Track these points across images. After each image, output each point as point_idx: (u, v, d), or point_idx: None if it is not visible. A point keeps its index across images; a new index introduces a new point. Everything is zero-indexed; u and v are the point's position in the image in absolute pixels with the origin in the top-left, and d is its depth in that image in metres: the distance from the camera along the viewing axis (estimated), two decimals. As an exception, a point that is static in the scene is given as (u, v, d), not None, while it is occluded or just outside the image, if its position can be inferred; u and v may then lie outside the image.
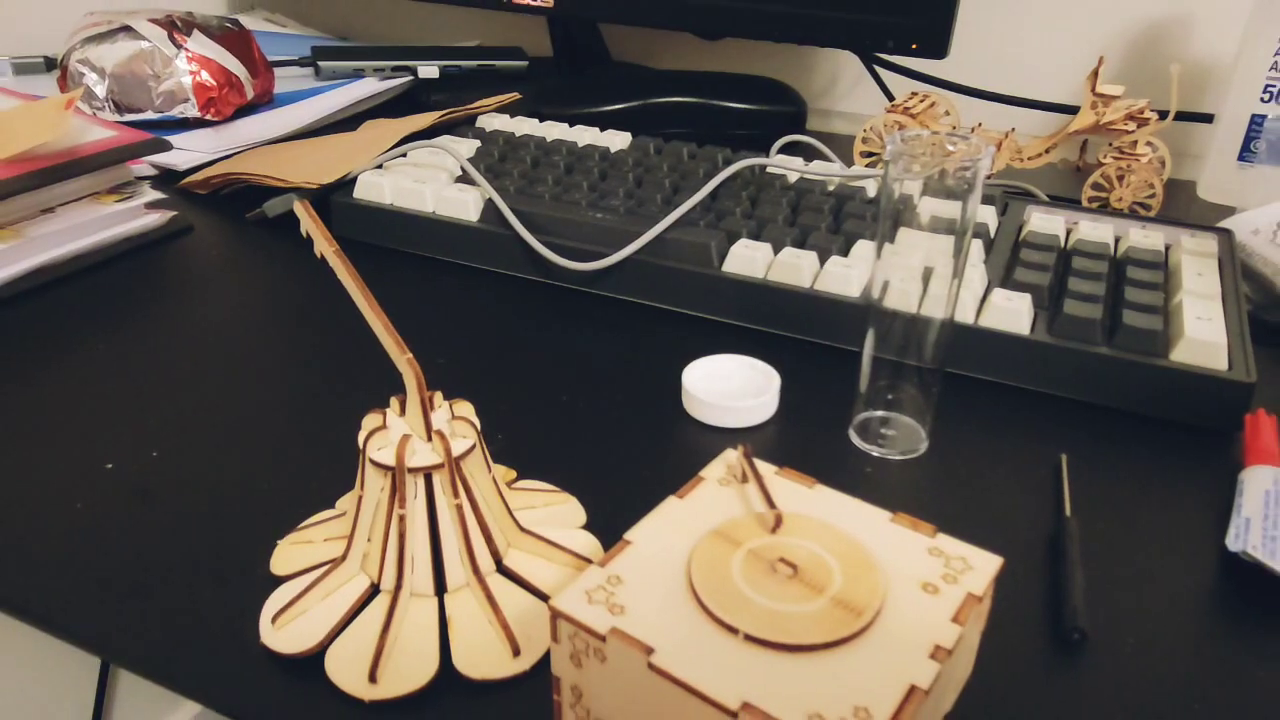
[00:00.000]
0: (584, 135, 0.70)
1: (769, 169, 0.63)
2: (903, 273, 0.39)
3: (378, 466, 0.33)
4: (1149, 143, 0.66)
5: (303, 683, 0.32)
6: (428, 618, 0.33)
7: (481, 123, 0.74)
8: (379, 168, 0.65)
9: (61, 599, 0.35)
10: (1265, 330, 0.53)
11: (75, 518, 0.39)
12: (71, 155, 0.62)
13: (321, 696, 0.31)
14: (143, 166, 0.71)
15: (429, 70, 0.90)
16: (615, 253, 0.54)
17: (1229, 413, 0.44)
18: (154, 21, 0.78)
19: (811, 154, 0.73)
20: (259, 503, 0.40)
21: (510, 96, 0.79)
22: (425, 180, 0.62)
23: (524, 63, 0.93)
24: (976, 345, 0.48)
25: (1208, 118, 0.73)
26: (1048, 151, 0.69)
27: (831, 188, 0.61)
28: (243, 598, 0.35)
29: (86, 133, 0.66)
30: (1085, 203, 0.67)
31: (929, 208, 0.37)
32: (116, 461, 0.42)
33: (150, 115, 0.78)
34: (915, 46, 0.70)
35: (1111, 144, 0.67)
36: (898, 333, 0.41)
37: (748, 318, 0.53)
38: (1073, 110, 0.69)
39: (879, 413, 0.44)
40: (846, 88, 0.93)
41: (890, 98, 0.83)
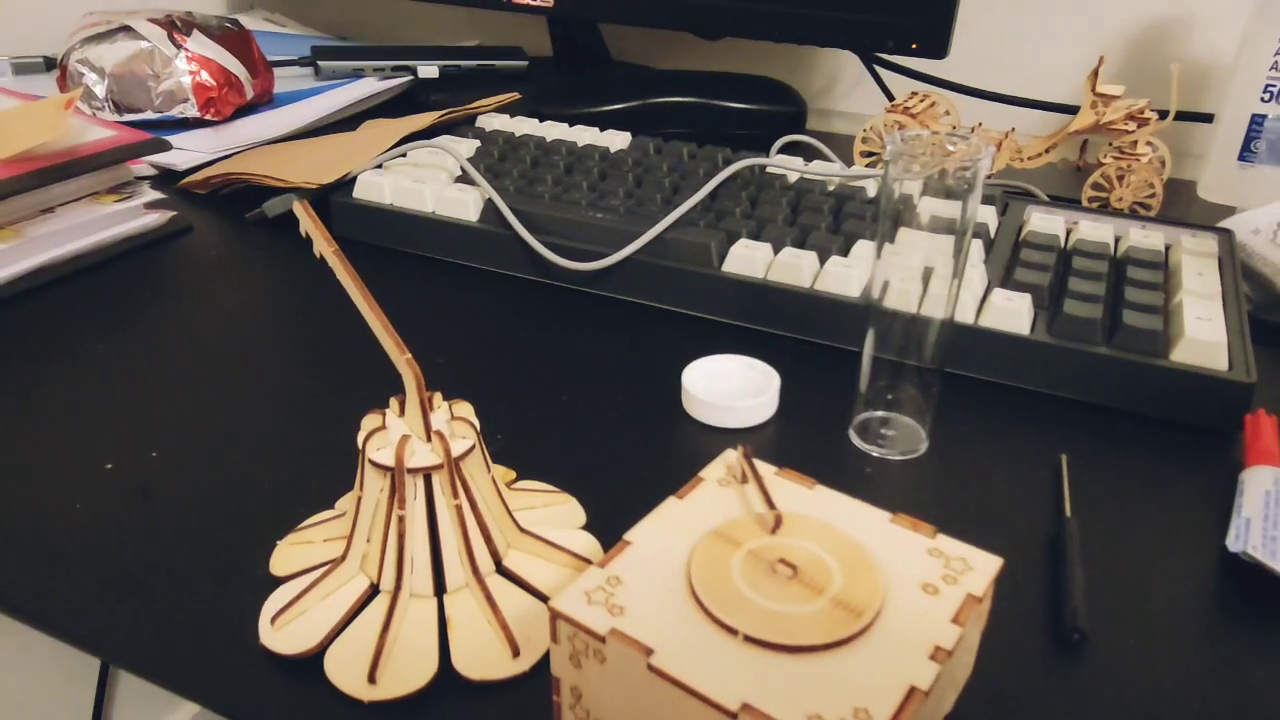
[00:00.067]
0: (584, 135, 0.70)
1: (769, 169, 0.63)
2: (903, 273, 0.39)
3: (377, 467, 0.33)
4: (1149, 142, 0.66)
5: (302, 683, 0.32)
6: (427, 618, 0.33)
7: (481, 123, 0.74)
8: (379, 168, 0.65)
9: (61, 599, 0.35)
10: (1265, 330, 0.53)
11: (75, 518, 0.39)
12: (71, 155, 0.62)
13: (321, 697, 0.31)
14: (142, 166, 0.71)
15: (429, 70, 0.89)
16: (615, 253, 0.54)
17: (1229, 413, 0.44)
18: (153, 21, 0.78)
19: (811, 154, 0.73)
20: (258, 503, 0.40)
21: (510, 96, 0.79)
22: (425, 180, 0.62)
23: (524, 63, 0.93)
24: (976, 345, 0.48)
25: (1208, 117, 0.73)
26: (1048, 151, 0.69)
27: (831, 188, 0.61)
28: (242, 598, 0.35)
29: (86, 133, 0.66)
30: (1085, 202, 0.67)
31: (929, 208, 0.37)
32: (116, 461, 0.42)
33: (150, 115, 0.78)
34: (915, 46, 0.70)
35: (1112, 144, 0.67)
36: (898, 333, 0.41)
37: (747, 318, 0.53)
38: (1073, 110, 0.69)
39: (879, 413, 0.44)
40: (846, 88, 0.93)
41: (890, 97, 0.83)
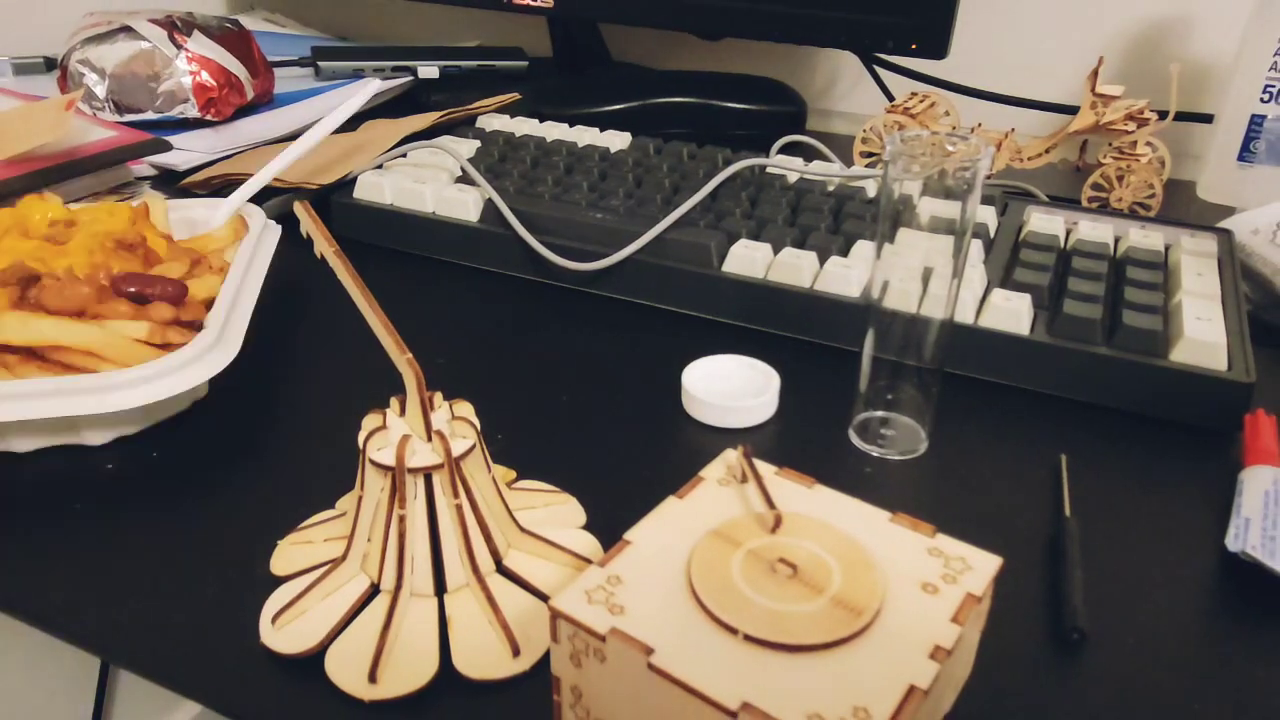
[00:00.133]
0: (584, 135, 0.70)
1: (769, 169, 0.63)
2: (902, 273, 0.39)
3: (378, 467, 0.33)
4: (1149, 143, 0.66)
5: (303, 683, 0.32)
6: (428, 618, 0.33)
7: (481, 123, 0.74)
8: (379, 168, 0.65)
9: (62, 598, 0.35)
10: (1265, 330, 0.53)
11: (75, 517, 0.39)
12: (72, 155, 0.63)
13: (321, 696, 0.31)
14: (143, 167, 0.71)
15: (429, 70, 0.90)
16: (615, 253, 0.54)
17: (1228, 413, 0.44)
18: (154, 22, 0.78)
19: (811, 154, 0.73)
20: (259, 502, 0.40)
21: (510, 97, 0.79)
22: (425, 180, 0.62)
23: (524, 63, 0.93)
24: (976, 345, 0.48)
25: (1207, 118, 0.73)
26: (1047, 152, 0.69)
27: (831, 188, 0.61)
28: (243, 598, 0.35)
29: (87, 133, 0.66)
30: (1085, 203, 0.67)
31: (929, 208, 0.37)
32: (117, 461, 0.42)
33: (150, 115, 0.78)
34: (915, 47, 0.70)
35: (1111, 144, 0.67)
36: (897, 333, 0.41)
37: (747, 318, 0.53)
38: (1072, 110, 0.69)
39: (879, 413, 0.44)
40: (846, 88, 0.93)
41: (890, 98, 0.83)
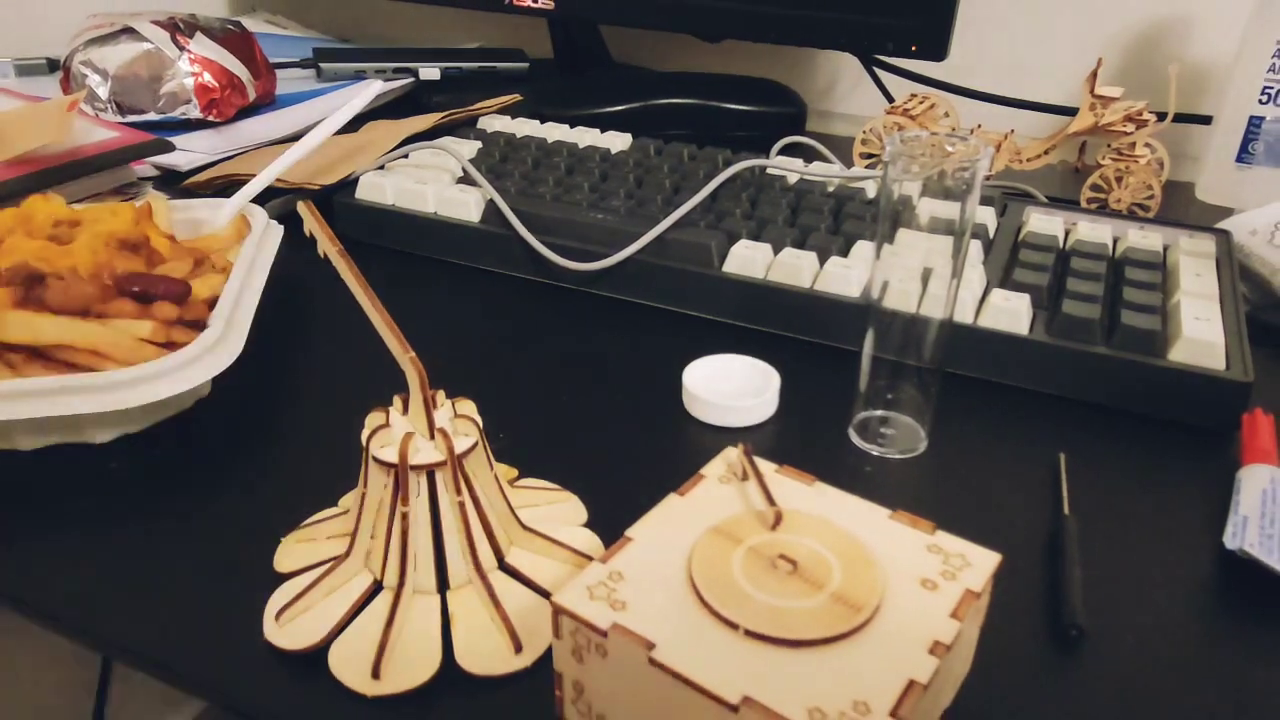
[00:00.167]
0: (585, 136, 0.71)
1: (769, 170, 0.63)
2: (902, 273, 0.39)
3: (381, 464, 0.33)
4: (1147, 144, 0.67)
5: (306, 679, 0.32)
6: (430, 614, 0.33)
7: (483, 124, 0.75)
8: (381, 169, 0.65)
9: (65, 596, 0.35)
10: (1262, 330, 0.53)
11: (78, 515, 0.39)
12: (75, 156, 0.63)
13: (325, 693, 0.31)
14: (145, 167, 0.71)
15: (430, 72, 0.90)
16: (616, 253, 0.54)
17: (1226, 412, 0.44)
18: (156, 23, 0.78)
19: (811, 155, 0.73)
20: (262, 500, 0.40)
21: (511, 98, 0.79)
22: (427, 181, 0.62)
23: (525, 64, 0.93)
24: (975, 345, 0.48)
25: (1206, 119, 0.73)
26: (1046, 153, 0.69)
27: (831, 189, 0.62)
28: (246, 594, 0.35)
29: (89, 134, 0.66)
30: (1084, 204, 0.67)
31: (928, 208, 0.37)
32: (120, 459, 0.43)
33: (152, 116, 0.78)
34: (914, 48, 0.70)
35: (1110, 145, 0.67)
36: (897, 333, 0.41)
37: (748, 318, 0.53)
38: (1071, 112, 0.69)
39: (878, 412, 0.44)
40: (846, 89, 0.93)
41: (890, 99, 0.83)
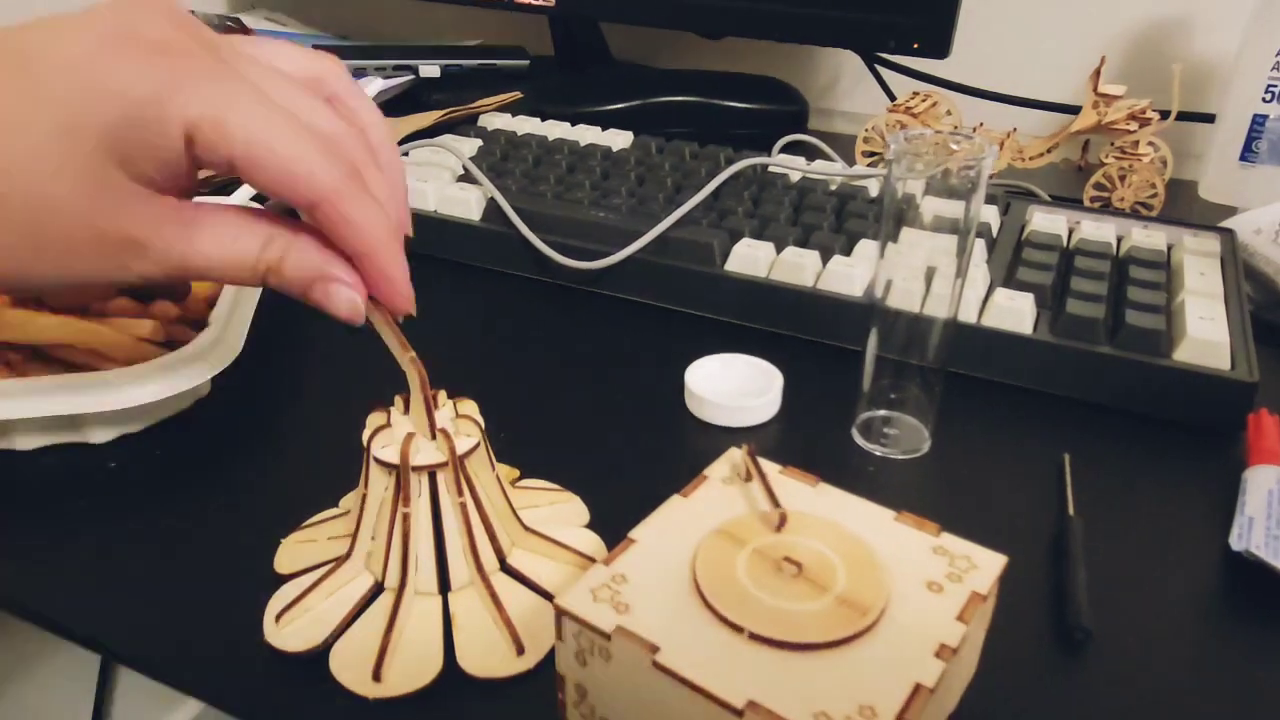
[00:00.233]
0: (586, 134, 0.70)
1: (771, 168, 0.63)
2: (905, 272, 0.39)
3: (382, 465, 0.33)
4: (1151, 142, 0.66)
5: (305, 681, 0.32)
6: (431, 616, 0.33)
7: (483, 122, 0.74)
8: (381, 166, 0.65)
9: (64, 596, 0.35)
10: (1267, 330, 0.53)
11: (77, 514, 0.39)
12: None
13: (324, 695, 0.31)
14: (144, 165, 0.71)
15: (430, 69, 0.89)
16: (618, 252, 0.54)
17: (1232, 412, 0.44)
18: (155, 20, 0.78)
19: (813, 153, 0.73)
20: (261, 500, 0.40)
21: (512, 95, 0.79)
22: (427, 179, 0.62)
23: (525, 62, 0.93)
24: (979, 345, 0.48)
25: (1209, 118, 0.73)
26: (1050, 151, 0.69)
27: (834, 187, 0.61)
28: (245, 595, 0.35)
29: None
30: (1087, 202, 0.67)
31: (932, 207, 0.37)
32: (119, 459, 0.42)
33: (152, 114, 0.77)
34: (917, 46, 0.70)
35: (1113, 144, 0.67)
36: (900, 332, 0.41)
37: (750, 317, 0.53)
38: (1074, 110, 0.69)
39: (882, 412, 0.44)
40: (848, 87, 0.93)
41: (892, 97, 0.83)
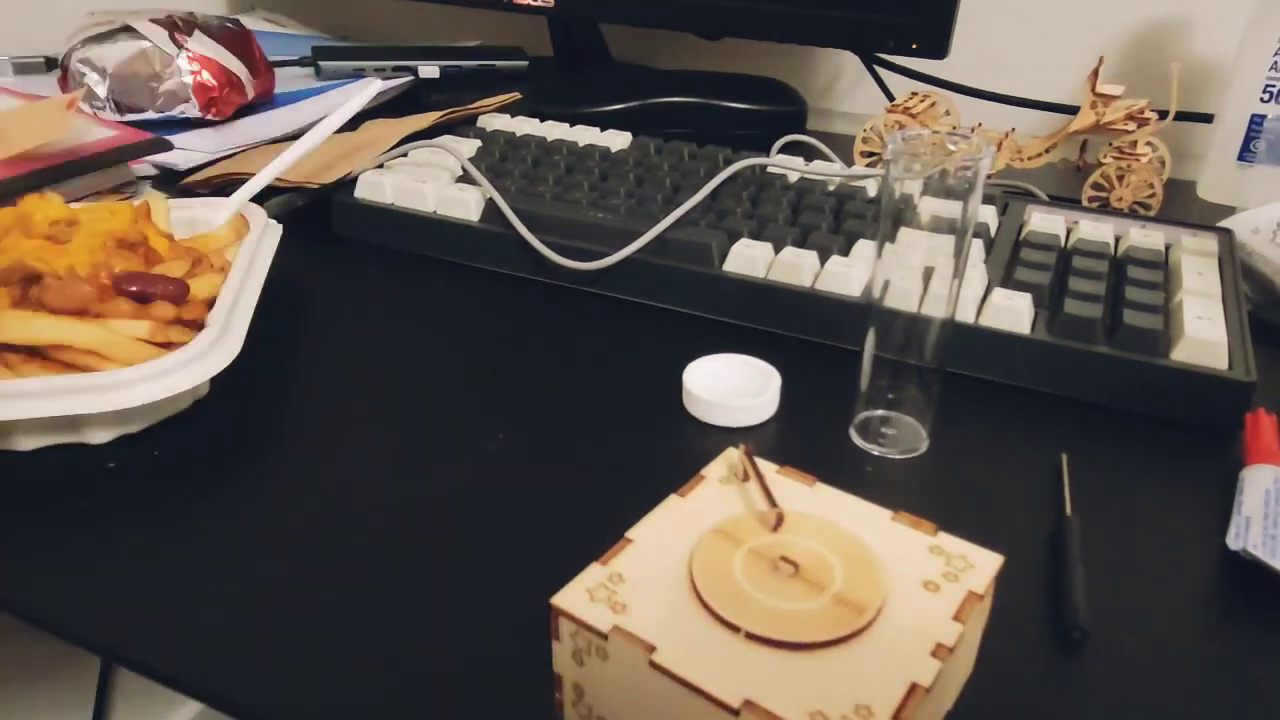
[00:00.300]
0: (585, 135, 0.70)
1: (769, 169, 0.63)
2: (903, 272, 0.39)
3: None
4: (1149, 142, 0.66)
5: (306, 680, 0.32)
6: None
7: (482, 122, 0.74)
8: (380, 167, 0.65)
9: (63, 597, 0.35)
10: (1265, 329, 0.53)
11: (76, 515, 0.39)
12: (73, 155, 0.63)
13: (325, 694, 0.31)
14: (144, 166, 0.71)
15: (429, 70, 0.90)
16: (616, 252, 0.54)
17: (1229, 412, 0.44)
18: (155, 21, 0.78)
19: (812, 154, 0.73)
20: (260, 500, 0.40)
21: (511, 96, 0.79)
22: (426, 180, 0.62)
23: (524, 62, 0.93)
24: (977, 344, 0.48)
25: (1207, 118, 0.73)
26: (1048, 151, 0.69)
27: (832, 187, 0.62)
28: (245, 594, 0.35)
29: (88, 132, 0.66)
30: (1085, 202, 0.67)
31: (930, 207, 0.37)
32: (118, 460, 0.42)
33: (151, 115, 0.78)
34: (915, 46, 0.70)
35: (1111, 144, 0.67)
36: (898, 332, 0.41)
37: (748, 317, 0.53)
38: (1073, 110, 0.69)
39: (879, 412, 0.44)
40: (846, 88, 0.93)
41: (890, 98, 0.83)
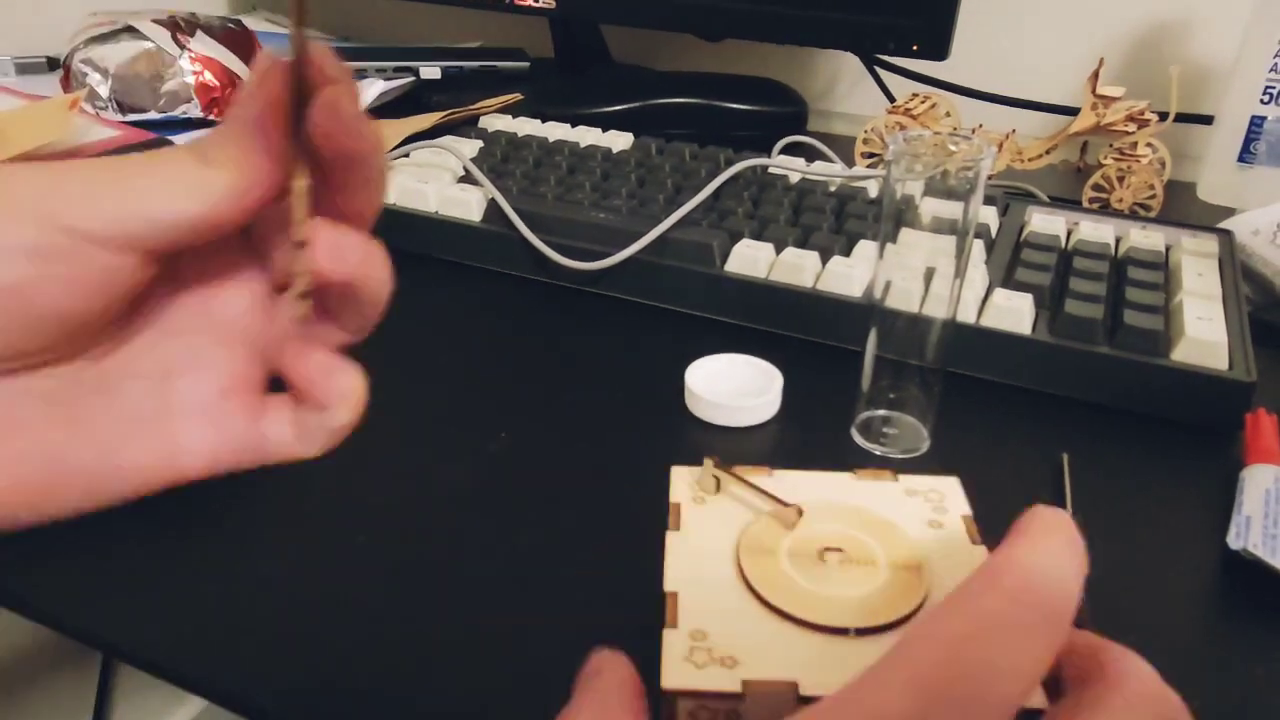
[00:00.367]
0: (586, 136, 0.71)
1: (771, 169, 0.63)
2: (905, 272, 0.39)
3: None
4: (1149, 144, 0.67)
5: (306, 680, 0.32)
6: None
7: (484, 123, 0.74)
8: (382, 168, 0.65)
9: (63, 594, 0.35)
10: (1265, 330, 0.53)
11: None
12: (75, 155, 0.63)
13: (326, 692, 0.31)
14: (146, 166, 0.71)
15: (431, 71, 0.90)
16: (618, 252, 0.54)
17: (1229, 412, 0.44)
18: (157, 22, 0.78)
19: (813, 155, 0.73)
20: (261, 499, 0.40)
21: (512, 97, 0.79)
22: (428, 180, 0.62)
23: (526, 63, 0.93)
24: (978, 345, 0.48)
25: (1208, 119, 0.73)
26: (1048, 153, 0.69)
27: (833, 188, 0.62)
28: (246, 594, 0.35)
29: (90, 133, 0.66)
30: (1086, 203, 0.67)
31: (931, 208, 0.37)
32: (121, 459, 0.42)
33: (153, 115, 0.78)
34: (916, 48, 0.70)
35: (1112, 145, 0.67)
36: (900, 332, 0.41)
37: (750, 317, 0.53)
38: (1073, 112, 0.69)
39: (881, 412, 0.44)
40: (847, 89, 0.93)
41: (891, 99, 0.83)
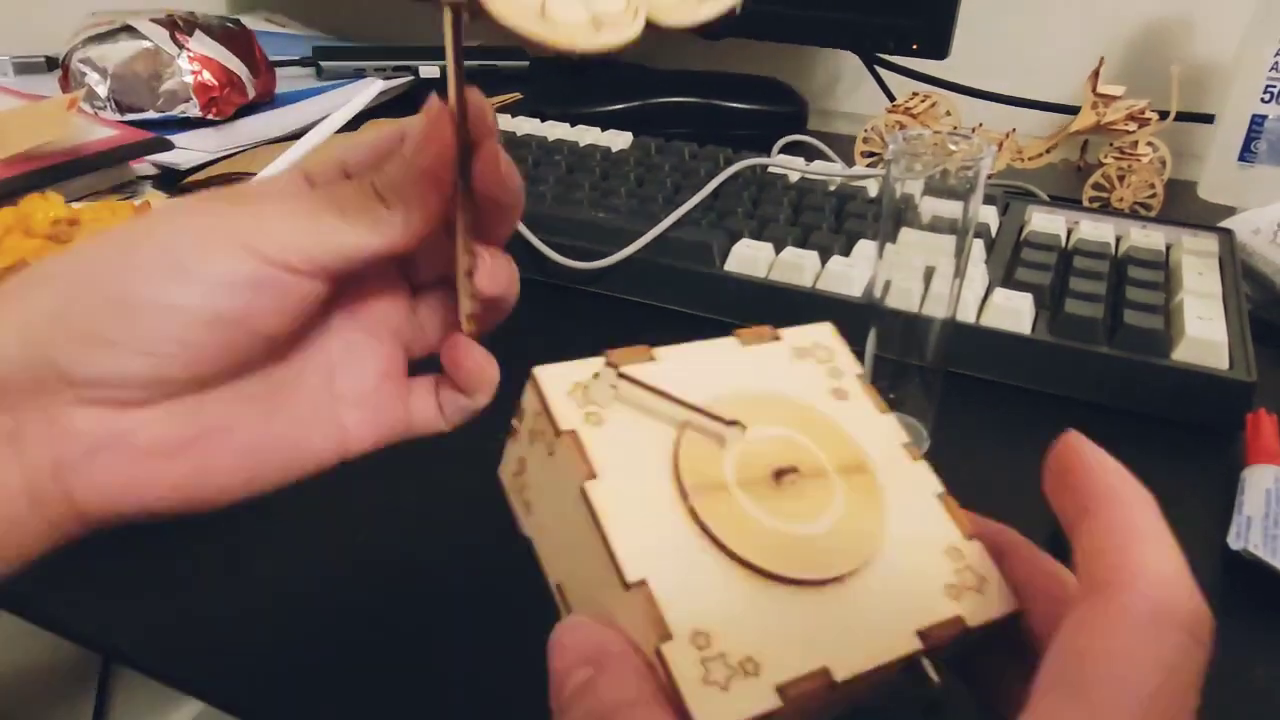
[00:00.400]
0: (585, 135, 0.70)
1: (770, 169, 0.63)
2: (904, 272, 0.39)
3: None
4: (1149, 143, 0.67)
5: (306, 680, 0.32)
6: None
7: (483, 122, 0.74)
8: (381, 167, 0.65)
9: (63, 596, 0.35)
10: (1266, 329, 0.53)
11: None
12: (74, 154, 0.63)
13: (325, 694, 0.31)
14: (145, 166, 0.71)
15: (430, 70, 0.90)
16: (617, 252, 0.54)
17: (1230, 412, 0.44)
18: (156, 21, 0.78)
19: (813, 154, 0.73)
20: (261, 498, 0.40)
21: (512, 96, 0.79)
22: (427, 180, 0.62)
23: (525, 63, 0.93)
24: (978, 344, 0.48)
25: (1208, 118, 0.73)
26: (1048, 152, 0.69)
27: (833, 187, 0.62)
28: (246, 593, 0.35)
29: (89, 132, 0.66)
30: (1086, 203, 0.67)
31: (930, 207, 0.37)
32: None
33: (152, 115, 0.78)
34: (916, 47, 0.70)
35: (1112, 144, 0.67)
36: (899, 332, 0.41)
37: (750, 317, 0.53)
38: (1073, 111, 0.69)
39: (881, 411, 0.44)
40: (847, 88, 0.93)
41: (891, 98, 0.83)
